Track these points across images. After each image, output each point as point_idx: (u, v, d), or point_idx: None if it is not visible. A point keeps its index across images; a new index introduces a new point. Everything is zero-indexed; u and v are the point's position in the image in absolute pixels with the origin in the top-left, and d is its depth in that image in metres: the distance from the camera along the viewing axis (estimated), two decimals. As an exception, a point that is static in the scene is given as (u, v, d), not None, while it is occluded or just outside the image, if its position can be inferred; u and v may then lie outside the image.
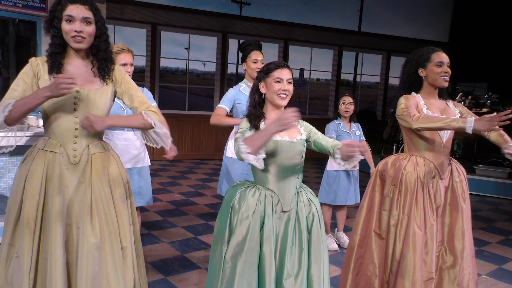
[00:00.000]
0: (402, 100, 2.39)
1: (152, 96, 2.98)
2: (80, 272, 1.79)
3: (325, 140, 1.96)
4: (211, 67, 8.92)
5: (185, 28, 8.14)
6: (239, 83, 3.16)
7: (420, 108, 2.37)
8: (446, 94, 2.53)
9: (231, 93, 3.09)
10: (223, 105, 3.06)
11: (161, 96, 8.24)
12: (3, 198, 3.45)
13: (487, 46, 9.48)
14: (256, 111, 1.94)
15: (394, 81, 10.38)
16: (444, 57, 2.39)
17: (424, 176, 2.37)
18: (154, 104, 2.91)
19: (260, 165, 1.73)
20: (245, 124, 1.91)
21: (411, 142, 2.45)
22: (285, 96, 1.91)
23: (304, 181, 2.05)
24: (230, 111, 3.11)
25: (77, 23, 1.78)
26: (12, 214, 1.83)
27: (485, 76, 9.30)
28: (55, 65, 1.83)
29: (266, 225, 1.85)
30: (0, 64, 5.11)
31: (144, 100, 1.95)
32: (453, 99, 2.60)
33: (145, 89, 3.00)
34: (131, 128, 2.03)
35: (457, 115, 2.45)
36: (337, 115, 3.81)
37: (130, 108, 1.97)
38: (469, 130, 2.03)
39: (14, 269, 1.80)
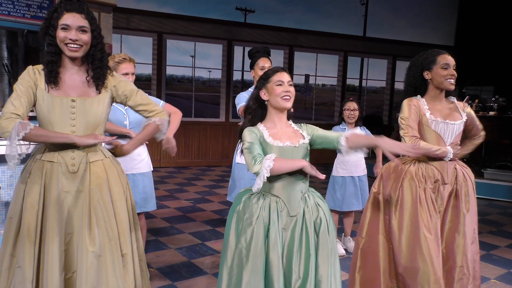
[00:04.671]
0: (405, 107, 2.38)
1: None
2: (79, 281, 1.79)
3: (329, 132, 1.99)
4: (217, 74, 8.97)
5: (190, 36, 8.20)
6: (249, 89, 3.19)
7: (423, 113, 2.37)
8: (455, 94, 2.52)
9: (243, 95, 3.10)
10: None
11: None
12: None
13: (493, 49, 9.45)
14: (253, 114, 1.98)
15: (400, 85, 10.35)
16: (450, 59, 2.36)
17: (426, 181, 2.35)
18: (161, 103, 2.96)
19: (259, 185, 1.80)
20: (249, 137, 1.92)
21: None
22: (288, 98, 1.91)
23: (311, 186, 2.06)
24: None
25: (73, 32, 1.78)
26: (13, 225, 1.84)
27: (491, 79, 9.25)
28: (52, 75, 1.82)
29: (272, 231, 1.84)
30: (9, 74, 5.19)
31: (150, 101, 2.01)
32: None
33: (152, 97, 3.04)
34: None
35: (464, 118, 2.43)
36: (341, 120, 3.75)
37: (135, 108, 2.00)
38: (447, 159, 2.37)
39: (17, 279, 1.80)
